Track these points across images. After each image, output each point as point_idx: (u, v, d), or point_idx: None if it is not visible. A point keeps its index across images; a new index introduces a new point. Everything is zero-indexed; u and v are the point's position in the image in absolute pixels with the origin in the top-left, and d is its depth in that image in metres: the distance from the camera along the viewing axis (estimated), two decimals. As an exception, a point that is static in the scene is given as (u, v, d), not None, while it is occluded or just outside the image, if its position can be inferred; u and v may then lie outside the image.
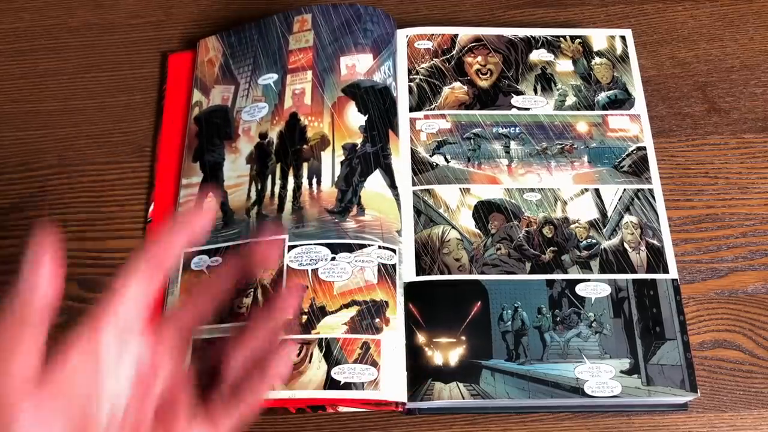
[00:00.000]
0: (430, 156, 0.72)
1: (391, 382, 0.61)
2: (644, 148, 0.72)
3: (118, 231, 0.72)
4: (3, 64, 0.80)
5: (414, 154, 0.72)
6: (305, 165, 0.70)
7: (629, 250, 0.67)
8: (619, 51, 0.77)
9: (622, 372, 0.62)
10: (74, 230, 0.72)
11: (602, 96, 0.74)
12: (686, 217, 0.71)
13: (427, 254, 0.67)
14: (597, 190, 0.70)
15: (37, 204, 0.73)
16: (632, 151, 0.71)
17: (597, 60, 0.76)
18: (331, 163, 0.70)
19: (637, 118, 0.73)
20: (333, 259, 0.65)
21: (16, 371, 0.36)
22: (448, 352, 0.63)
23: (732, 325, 0.67)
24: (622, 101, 0.74)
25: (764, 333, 0.66)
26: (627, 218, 0.68)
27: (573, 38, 0.77)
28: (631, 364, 0.63)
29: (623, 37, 0.77)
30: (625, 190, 0.70)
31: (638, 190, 0.70)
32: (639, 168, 0.71)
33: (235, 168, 0.72)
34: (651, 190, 0.70)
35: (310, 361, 0.62)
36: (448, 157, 0.71)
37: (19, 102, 0.78)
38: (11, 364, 0.36)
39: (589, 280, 0.66)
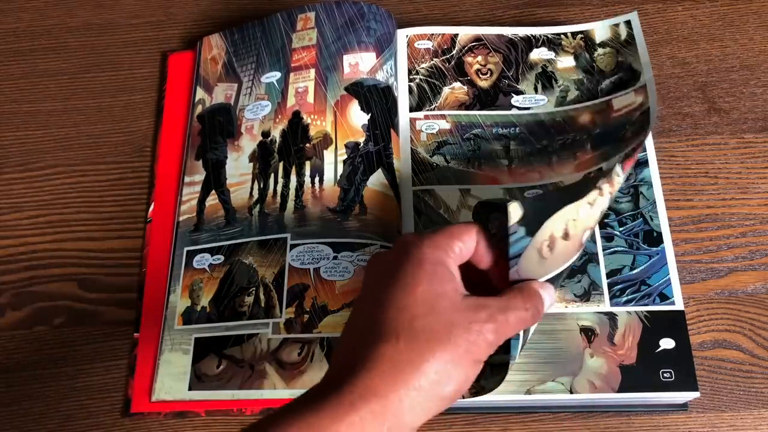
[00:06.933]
0: (431, 156, 0.72)
1: (392, 382, 0.61)
2: (647, 110, 0.69)
3: (118, 231, 0.72)
4: (3, 64, 0.80)
5: (414, 154, 0.72)
6: (308, 163, 0.70)
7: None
8: (624, 36, 0.76)
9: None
10: (74, 230, 0.72)
11: (606, 83, 0.74)
12: (686, 217, 0.71)
13: (427, 254, 0.67)
14: (599, 169, 0.69)
15: (37, 204, 0.73)
16: (636, 118, 0.70)
17: (600, 51, 0.76)
18: (333, 161, 0.70)
19: (643, 89, 0.71)
20: (335, 258, 0.65)
21: None
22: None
23: (732, 325, 0.67)
24: (627, 81, 0.73)
25: (764, 333, 0.66)
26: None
27: (575, 34, 0.77)
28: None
29: (628, 22, 0.77)
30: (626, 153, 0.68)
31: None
32: (641, 126, 0.69)
33: (238, 166, 0.72)
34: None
35: (311, 361, 0.62)
36: (448, 157, 0.71)
37: (19, 102, 0.78)
38: None
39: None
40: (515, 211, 0.46)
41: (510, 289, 0.48)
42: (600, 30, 0.77)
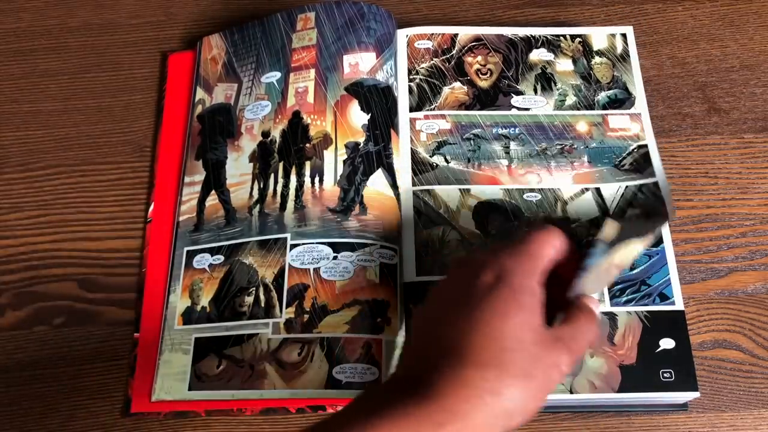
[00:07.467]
0: (430, 156, 0.72)
1: (392, 382, 0.61)
2: (645, 146, 0.71)
3: (118, 231, 0.72)
4: (3, 64, 0.80)
5: (414, 154, 0.72)
6: (308, 163, 0.70)
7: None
8: (619, 50, 0.77)
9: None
10: (74, 230, 0.72)
11: (602, 96, 0.74)
12: (686, 217, 0.71)
13: (428, 255, 0.67)
14: (598, 189, 0.70)
15: (38, 204, 0.73)
16: (633, 150, 0.71)
17: (597, 59, 0.76)
18: (333, 161, 0.70)
19: (638, 117, 0.73)
20: (335, 258, 0.65)
21: None
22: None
23: (732, 325, 0.67)
24: (622, 101, 0.74)
25: (764, 333, 0.66)
26: (631, 212, 0.68)
27: (573, 37, 0.77)
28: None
29: (624, 35, 0.77)
30: (627, 186, 0.69)
31: (641, 185, 0.69)
32: (640, 165, 0.70)
33: (238, 166, 0.72)
34: (655, 184, 0.69)
35: (311, 361, 0.62)
36: (448, 157, 0.71)
37: (19, 102, 0.78)
38: None
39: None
40: (610, 230, 0.46)
41: (571, 311, 0.51)
42: (597, 37, 0.77)
